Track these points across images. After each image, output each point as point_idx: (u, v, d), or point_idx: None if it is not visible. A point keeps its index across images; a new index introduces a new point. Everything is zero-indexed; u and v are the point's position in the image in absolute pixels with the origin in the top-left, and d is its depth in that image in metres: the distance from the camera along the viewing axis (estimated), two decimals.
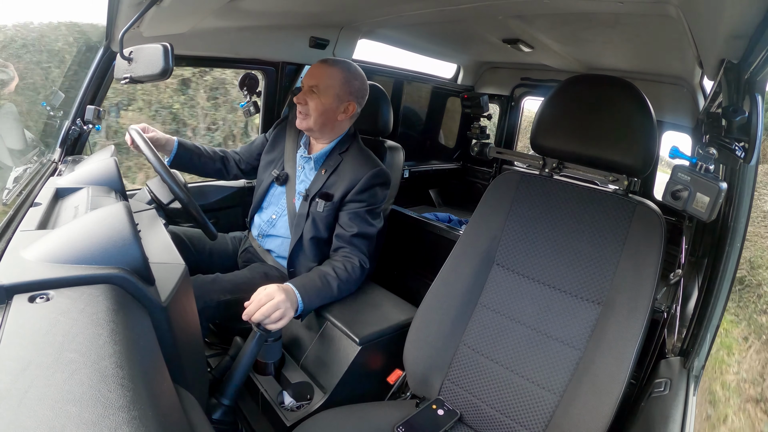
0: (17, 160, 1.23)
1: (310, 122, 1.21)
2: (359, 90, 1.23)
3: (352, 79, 1.21)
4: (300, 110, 1.22)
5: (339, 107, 1.21)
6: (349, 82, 1.21)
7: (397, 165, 1.59)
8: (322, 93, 1.18)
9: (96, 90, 1.28)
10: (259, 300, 0.96)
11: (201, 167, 1.40)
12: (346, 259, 1.18)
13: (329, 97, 1.19)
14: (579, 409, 0.84)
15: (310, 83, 1.19)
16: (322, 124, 1.22)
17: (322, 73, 1.19)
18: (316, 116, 1.20)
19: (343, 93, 1.20)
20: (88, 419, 0.31)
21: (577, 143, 0.96)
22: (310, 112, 1.20)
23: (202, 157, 1.39)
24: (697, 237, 1.30)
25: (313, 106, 1.19)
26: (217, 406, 0.90)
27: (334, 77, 1.19)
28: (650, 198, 2.09)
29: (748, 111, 0.68)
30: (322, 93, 1.18)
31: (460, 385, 0.98)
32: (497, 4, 1.21)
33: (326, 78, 1.18)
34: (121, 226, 0.55)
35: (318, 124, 1.21)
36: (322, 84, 1.18)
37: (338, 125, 1.25)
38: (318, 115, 1.20)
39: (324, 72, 1.19)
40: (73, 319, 0.41)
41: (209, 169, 1.42)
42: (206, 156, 1.40)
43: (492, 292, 1.01)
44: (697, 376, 0.85)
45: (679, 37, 1.16)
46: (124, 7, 1.02)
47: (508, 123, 2.84)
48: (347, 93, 1.21)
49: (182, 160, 1.34)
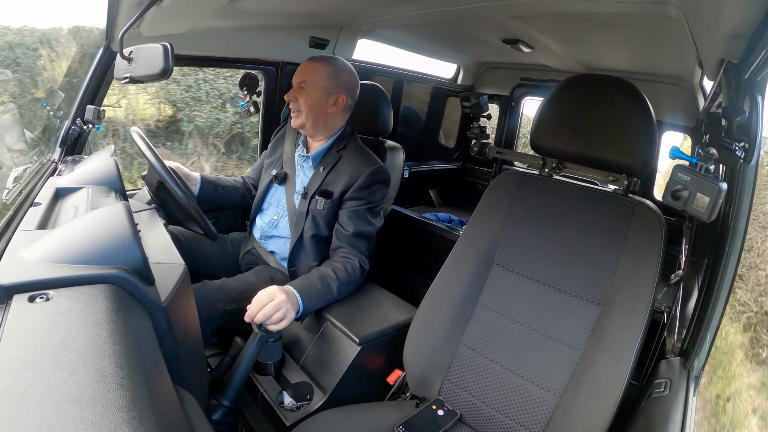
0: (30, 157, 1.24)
1: (303, 118, 1.23)
2: (348, 82, 1.25)
3: (338, 72, 1.23)
4: (292, 108, 1.24)
5: (328, 100, 1.22)
6: (336, 75, 1.23)
7: (397, 165, 1.59)
8: (309, 87, 1.21)
9: (96, 90, 1.28)
10: (260, 300, 0.96)
11: (225, 198, 1.43)
12: (346, 260, 1.18)
13: (317, 90, 1.21)
14: (579, 409, 0.84)
15: (298, 80, 1.23)
16: (314, 119, 1.23)
17: (307, 69, 1.22)
18: (306, 111, 1.22)
19: (331, 85, 1.22)
20: (88, 419, 0.31)
21: (577, 143, 0.96)
22: (301, 108, 1.22)
23: (225, 188, 1.43)
24: (697, 237, 1.30)
25: (303, 102, 1.21)
26: (217, 407, 0.90)
27: (320, 71, 1.21)
28: (650, 198, 2.09)
29: (748, 111, 0.68)
30: (310, 87, 1.21)
31: (460, 386, 0.98)
32: (497, 4, 1.21)
33: (311, 73, 1.21)
34: (120, 226, 0.55)
35: (310, 119, 1.23)
36: (308, 79, 1.21)
37: (330, 119, 1.26)
38: (308, 110, 1.22)
39: (309, 68, 1.22)
40: (72, 319, 0.41)
41: (233, 198, 1.45)
42: (229, 187, 1.44)
43: (492, 293, 1.01)
44: (697, 376, 0.85)
45: (679, 37, 1.16)
46: (124, 7, 1.02)
47: (508, 123, 2.84)
48: (335, 85, 1.22)
49: (207, 194, 1.38)
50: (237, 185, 1.47)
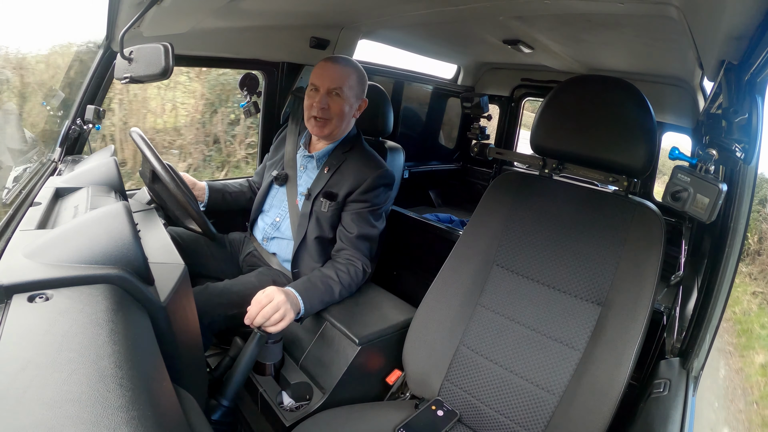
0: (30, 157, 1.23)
1: (332, 126, 1.18)
2: (366, 86, 1.25)
3: (363, 77, 1.22)
4: (320, 116, 1.16)
5: (355, 106, 1.22)
6: (363, 80, 1.22)
7: (397, 165, 1.59)
8: (345, 95, 1.16)
9: (96, 89, 1.28)
10: (259, 302, 0.96)
11: (234, 203, 1.44)
12: (349, 263, 1.18)
13: (351, 98, 1.18)
14: (578, 409, 0.84)
15: (332, 86, 1.15)
16: (343, 127, 1.22)
17: (341, 75, 1.16)
18: (338, 120, 1.18)
19: (360, 91, 1.21)
20: (87, 419, 0.31)
21: (577, 144, 0.96)
22: (331, 116, 1.17)
23: (232, 194, 1.44)
24: (697, 238, 1.30)
25: (336, 111, 1.17)
26: (216, 407, 0.90)
27: (352, 77, 1.18)
28: (650, 199, 2.09)
29: (748, 112, 0.68)
30: (346, 95, 1.17)
31: (460, 386, 0.98)
32: (497, 4, 1.21)
33: (346, 79, 1.17)
34: (120, 226, 0.55)
35: (339, 128, 1.20)
36: (345, 86, 1.16)
37: (349, 124, 1.26)
38: (340, 119, 1.18)
39: (342, 73, 1.17)
40: (72, 319, 0.41)
41: (241, 202, 1.46)
42: (236, 191, 1.45)
43: (492, 293, 1.01)
44: (697, 376, 0.85)
45: (679, 38, 1.16)
46: (125, 7, 1.02)
47: (508, 124, 2.84)
48: (362, 90, 1.22)
49: (216, 201, 1.38)
50: (243, 189, 1.47)
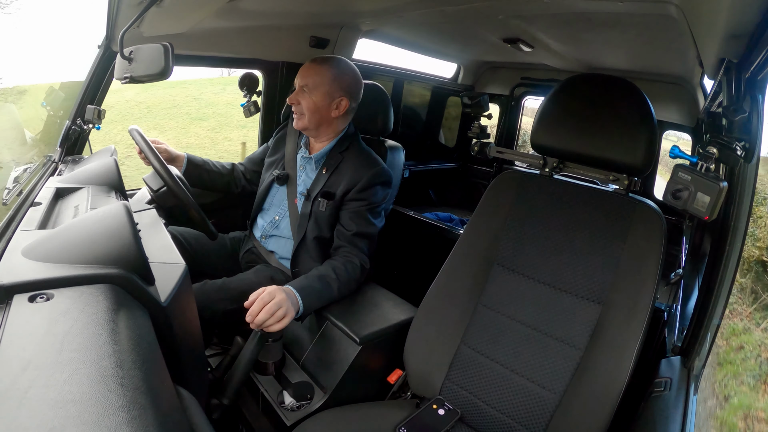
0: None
1: (305, 121, 1.22)
2: (350, 85, 1.24)
3: (342, 75, 1.22)
4: (294, 110, 1.23)
5: (331, 104, 1.21)
6: (339, 79, 1.21)
7: (397, 165, 1.59)
8: (312, 91, 1.19)
9: (96, 89, 1.28)
10: (261, 299, 0.96)
11: (210, 182, 1.42)
12: (346, 260, 1.18)
13: (320, 94, 1.19)
14: (579, 408, 0.84)
15: (301, 83, 1.21)
16: (317, 123, 1.23)
17: (311, 72, 1.20)
18: (309, 115, 1.21)
19: (334, 89, 1.21)
20: (88, 419, 0.31)
21: (578, 143, 0.96)
22: (304, 111, 1.21)
23: (211, 173, 1.41)
24: (697, 236, 1.30)
25: (305, 105, 1.20)
26: (217, 406, 0.90)
27: (323, 75, 1.20)
28: (650, 197, 2.09)
29: (748, 110, 0.68)
30: (313, 91, 1.19)
31: (461, 385, 0.98)
32: (497, 4, 1.20)
33: (315, 76, 1.20)
34: (121, 226, 0.55)
35: (313, 122, 1.22)
36: (311, 82, 1.19)
37: (334, 122, 1.25)
38: (311, 114, 1.21)
39: (313, 71, 1.20)
40: (73, 319, 0.41)
41: (218, 183, 1.44)
42: (215, 171, 1.43)
43: (492, 292, 1.01)
44: (698, 375, 0.85)
45: (680, 37, 1.15)
46: (124, 7, 1.02)
47: (509, 123, 2.84)
48: (338, 89, 1.21)
49: (192, 175, 1.36)
50: (223, 171, 1.45)
